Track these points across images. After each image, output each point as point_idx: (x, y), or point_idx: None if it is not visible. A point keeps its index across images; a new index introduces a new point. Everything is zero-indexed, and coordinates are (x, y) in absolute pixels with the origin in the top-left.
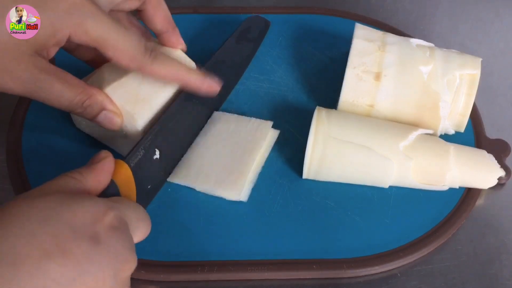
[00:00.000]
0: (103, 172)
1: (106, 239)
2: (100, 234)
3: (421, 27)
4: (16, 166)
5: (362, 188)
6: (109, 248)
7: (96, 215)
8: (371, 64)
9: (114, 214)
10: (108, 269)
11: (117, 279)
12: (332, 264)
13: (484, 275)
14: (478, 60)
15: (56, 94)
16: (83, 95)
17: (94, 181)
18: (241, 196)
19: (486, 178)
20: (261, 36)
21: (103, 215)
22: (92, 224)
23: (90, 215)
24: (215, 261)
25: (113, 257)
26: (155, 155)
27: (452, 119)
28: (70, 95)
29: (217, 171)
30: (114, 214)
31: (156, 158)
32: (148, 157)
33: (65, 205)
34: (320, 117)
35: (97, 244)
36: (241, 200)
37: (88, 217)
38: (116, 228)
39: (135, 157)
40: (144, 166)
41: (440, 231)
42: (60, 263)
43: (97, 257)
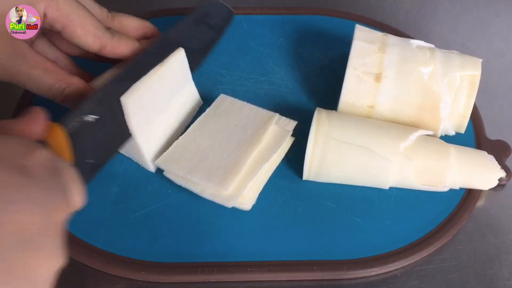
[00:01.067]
0: (32, 123)
1: (38, 174)
2: (31, 168)
3: (421, 27)
4: None
5: (362, 189)
6: (39, 184)
7: (26, 149)
8: (372, 65)
9: (46, 155)
10: (37, 205)
11: (48, 220)
12: (333, 265)
13: (484, 275)
14: (479, 61)
15: (34, 79)
16: (63, 83)
17: (23, 130)
18: (235, 199)
19: (487, 179)
20: (224, 24)
21: (34, 150)
22: (21, 156)
23: (19, 147)
24: (215, 263)
25: (44, 194)
26: (90, 119)
27: (452, 120)
28: (49, 82)
29: (209, 164)
30: (46, 154)
31: (91, 122)
32: (88, 127)
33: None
34: (320, 118)
35: (27, 176)
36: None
37: (18, 149)
38: (48, 168)
39: (71, 122)
40: (85, 135)
41: (440, 232)
42: None
43: (26, 188)
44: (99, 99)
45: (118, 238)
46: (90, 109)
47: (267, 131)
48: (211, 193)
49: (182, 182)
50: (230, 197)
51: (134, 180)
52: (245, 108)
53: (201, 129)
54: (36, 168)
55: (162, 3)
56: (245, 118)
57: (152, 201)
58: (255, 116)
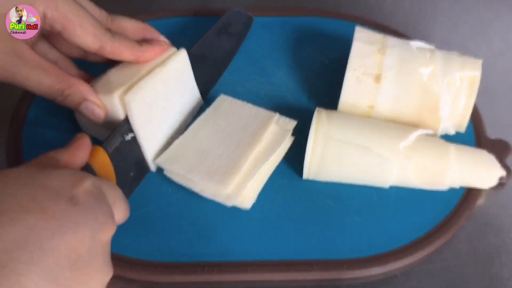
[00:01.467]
0: (78, 150)
1: (84, 201)
2: (78, 197)
3: (420, 28)
4: (16, 165)
5: (362, 189)
6: (87, 209)
7: (74, 179)
8: (371, 66)
9: (91, 181)
10: (86, 229)
11: (95, 240)
12: (332, 265)
13: (485, 274)
14: (479, 62)
15: (34, 80)
16: (63, 84)
17: (69, 159)
18: (234, 197)
19: (487, 178)
20: (244, 31)
21: (81, 180)
22: (69, 187)
23: (68, 180)
24: (215, 262)
25: (91, 218)
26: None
27: (452, 120)
28: (48, 83)
29: (209, 163)
30: (91, 181)
31: (128, 140)
32: (126, 144)
33: (42, 172)
34: (320, 118)
35: (75, 204)
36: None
37: (66, 181)
38: (93, 194)
39: (112, 143)
40: (124, 153)
41: (440, 231)
42: (39, 218)
43: (75, 215)
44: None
45: (117, 237)
46: (128, 129)
47: (267, 130)
48: (211, 192)
49: (182, 181)
50: (230, 196)
51: None
52: (245, 108)
53: (201, 129)
54: (82, 195)
55: (162, 4)
56: (245, 118)
57: (152, 200)
58: (255, 116)
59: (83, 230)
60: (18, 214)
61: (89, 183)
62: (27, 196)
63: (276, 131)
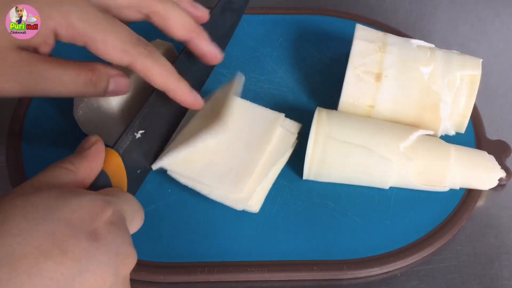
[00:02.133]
0: (94, 159)
1: (105, 235)
2: (99, 230)
3: (421, 27)
4: (16, 167)
5: (362, 189)
6: (108, 244)
7: (94, 210)
8: (372, 65)
9: (112, 209)
10: (108, 267)
11: (117, 276)
12: (333, 265)
13: (484, 275)
14: (479, 61)
15: (56, 79)
16: (87, 71)
17: (86, 170)
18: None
19: (487, 179)
20: (244, 5)
21: (102, 211)
22: (90, 220)
23: (88, 211)
24: (215, 262)
25: (113, 253)
26: (138, 135)
27: (452, 120)
28: (72, 76)
29: (217, 167)
30: (112, 209)
31: (139, 138)
32: (136, 142)
33: (61, 201)
34: (320, 118)
35: (96, 240)
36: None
37: (86, 213)
38: (114, 224)
39: (123, 144)
40: (133, 151)
41: (440, 232)
42: (59, 262)
43: (97, 254)
44: (145, 115)
45: None
46: (138, 126)
47: (275, 131)
48: (220, 195)
49: (189, 183)
50: (241, 200)
51: None
52: (249, 108)
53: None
54: (104, 228)
55: None
56: (251, 118)
57: (152, 200)
58: (261, 116)
59: (105, 268)
60: (37, 260)
61: (111, 212)
62: (45, 235)
63: (283, 134)
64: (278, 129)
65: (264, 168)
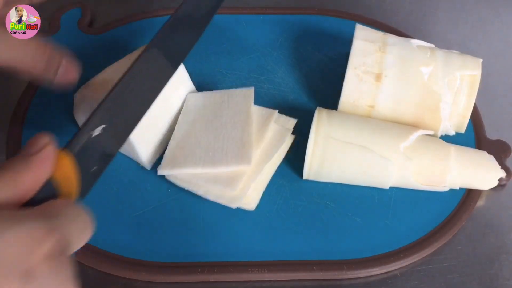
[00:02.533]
0: (42, 167)
1: (42, 274)
2: (35, 268)
3: (421, 27)
4: None
5: (362, 189)
6: (47, 285)
7: (32, 243)
8: (372, 65)
9: (55, 239)
10: None
11: None
12: (333, 265)
13: (484, 275)
14: (479, 61)
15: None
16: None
17: (30, 181)
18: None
19: (487, 179)
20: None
21: (40, 243)
22: (26, 256)
23: (24, 245)
24: (215, 262)
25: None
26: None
27: (452, 120)
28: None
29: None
30: (55, 238)
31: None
32: (94, 140)
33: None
34: (320, 118)
35: (30, 282)
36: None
37: (22, 248)
38: (54, 258)
39: (78, 143)
40: (89, 150)
41: (440, 232)
42: None
43: None
44: (107, 108)
45: (117, 238)
46: (98, 122)
47: (268, 129)
48: (215, 194)
49: (184, 185)
50: (235, 198)
51: (133, 179)
52: None
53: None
54: (41, 265)
55: (162, 3)
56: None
57: (151, 200)
58: (254, 114)
59: None
60: None
61: (51, 244)
62: None
63: (277, 130)
64: (272, 126)
65: (258, 165)
